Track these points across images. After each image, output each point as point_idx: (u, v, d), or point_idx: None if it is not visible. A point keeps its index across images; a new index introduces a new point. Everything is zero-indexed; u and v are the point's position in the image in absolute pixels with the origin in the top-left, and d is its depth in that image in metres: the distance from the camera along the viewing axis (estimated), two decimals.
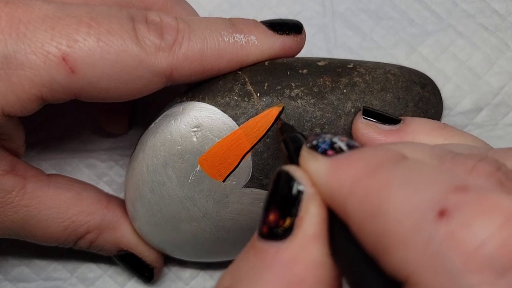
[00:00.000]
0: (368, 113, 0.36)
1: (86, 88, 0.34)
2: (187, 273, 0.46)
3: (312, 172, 0.26)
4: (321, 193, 0.26)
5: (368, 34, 0.48)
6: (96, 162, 0.47)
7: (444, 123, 0.35)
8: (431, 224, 0.21)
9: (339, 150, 0.26)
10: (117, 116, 0.45)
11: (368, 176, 0.24)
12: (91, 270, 0.46)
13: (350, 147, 0.26)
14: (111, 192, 0.46)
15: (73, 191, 0.40)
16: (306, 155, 0.27)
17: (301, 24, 0.39)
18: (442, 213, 0.21)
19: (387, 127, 0.35)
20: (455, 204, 0.21)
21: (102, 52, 0.34)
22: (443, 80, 0.46)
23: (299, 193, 0.26)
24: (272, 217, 0.26)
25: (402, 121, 0.35)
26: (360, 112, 0.36)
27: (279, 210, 0.26)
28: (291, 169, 0.27)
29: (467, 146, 0.29)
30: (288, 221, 0.26)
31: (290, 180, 0.26)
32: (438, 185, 0.22)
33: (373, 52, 0.47)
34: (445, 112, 0.45)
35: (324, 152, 0.26)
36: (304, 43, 0.39)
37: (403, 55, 0.47)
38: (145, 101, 0.41)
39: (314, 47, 0.47)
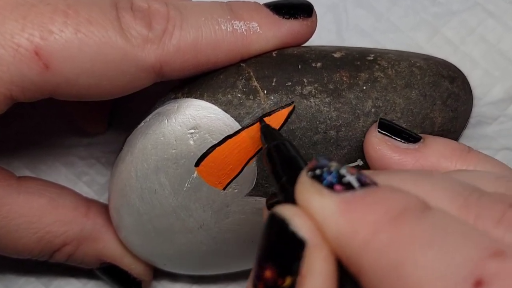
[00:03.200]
0: (385, 126, 0.35)
1: (62, 85, 0.34)
2: (178, 286, 0.46)
3: (317, 212, 0.24)
4: (326, 238, 0.24)
5: (384, 15, 0.47)
6: (75, 159, 0.46)
7: (469, 147, 0.34)
8: None
9: (349, 187, 0.25)
10: (96, 114, 0.45)
11: (390, 227, 0.23)
12: (68, 283, 0.45)
13: (362, 183, 0.25)
14: (91, 194, 0.46)
15: (47, 197, 0.39)
16: (307, 187, 0.25)
17: (311, 4, 0.38)
18: (478, 283, 0.21)
19: (404, 145, 0.34)
20: (493, 274, 0.21)
21: (81, 44, 0.33)
22: (470, 65, 0.45)
23: (301, 244, 0.24)
24: (268, 273, 0.24)
25: (422, 140, 0.35)
26: (375, 124, 0.35)
27: (277, 267, 0.24)
28: (288, 212, 0.25)
29: (493, 177, 0.29)
30: (288, 281, 0.24)
31: (287, 227, 0.24)
32: (471, 249, 0.22)
33: (390, 35, 0.47)
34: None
35: (330, 186, 0.25)
36: (315, 27, 0.38)
37: (424, 38, 0.46)
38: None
39: (323, 30, 0.46)
